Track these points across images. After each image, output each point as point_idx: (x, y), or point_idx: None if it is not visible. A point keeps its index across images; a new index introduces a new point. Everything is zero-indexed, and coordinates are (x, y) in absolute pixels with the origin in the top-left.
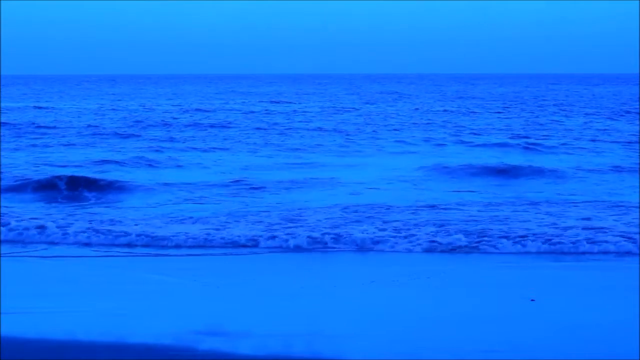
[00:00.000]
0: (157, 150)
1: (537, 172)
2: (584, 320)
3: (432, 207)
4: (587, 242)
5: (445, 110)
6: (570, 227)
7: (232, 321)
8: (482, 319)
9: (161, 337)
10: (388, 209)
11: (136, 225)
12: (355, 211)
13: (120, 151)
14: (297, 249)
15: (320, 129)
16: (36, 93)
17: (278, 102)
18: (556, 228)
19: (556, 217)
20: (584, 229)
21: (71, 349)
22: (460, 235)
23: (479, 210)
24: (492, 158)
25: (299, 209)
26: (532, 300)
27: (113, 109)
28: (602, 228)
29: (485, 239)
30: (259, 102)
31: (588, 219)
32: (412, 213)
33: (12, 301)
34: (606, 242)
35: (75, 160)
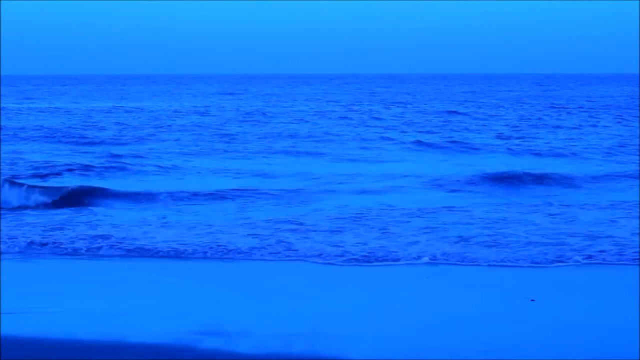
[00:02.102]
0: (145, 155)
1: (537, 177)
2: (583, 320)
3: (431, 212)
4: (584, 257)
5: (448, 111)
6: (571, 235)
7: (232, 321)
8: (482, 319)
9: (161, 337)
10: (388, 214)
11: (130, 233)
12: (354, 217)
13: (111, 154)
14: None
15: (315, 131)
16: (30, 93)
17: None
18: (557, 234)
19: (555, 223)
20: (583, 237)
21: (71, 348)
22: (458, 241)
23: (478, 215)
24: (487, 162)
25: (299, 216)
26: (532, 300)
27: (109, 110)
28: (603, 235)
29: (474, 246)
30: (257, 102)
31: (589, 224)
32: (411, 217)
33: (12, 301)
34: (603, 251)
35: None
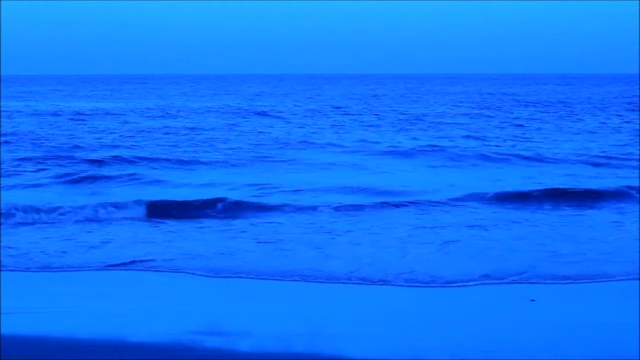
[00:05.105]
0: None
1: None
2: (584, 320)
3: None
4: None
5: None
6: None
7: (232, 321)
8: (482, 319)
9: (161, 337)
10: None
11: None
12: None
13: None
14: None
15: (310, 138)
16: (28, 94)
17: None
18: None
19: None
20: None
21: (71, 348)
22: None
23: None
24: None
25: (301, 221)
26: (532, 300)
27: (106, 112)
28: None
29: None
30: (255, 102)
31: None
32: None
33: (12, 301)
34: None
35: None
